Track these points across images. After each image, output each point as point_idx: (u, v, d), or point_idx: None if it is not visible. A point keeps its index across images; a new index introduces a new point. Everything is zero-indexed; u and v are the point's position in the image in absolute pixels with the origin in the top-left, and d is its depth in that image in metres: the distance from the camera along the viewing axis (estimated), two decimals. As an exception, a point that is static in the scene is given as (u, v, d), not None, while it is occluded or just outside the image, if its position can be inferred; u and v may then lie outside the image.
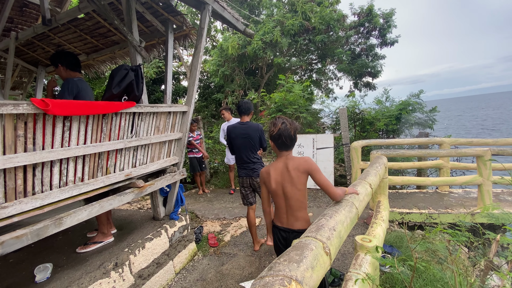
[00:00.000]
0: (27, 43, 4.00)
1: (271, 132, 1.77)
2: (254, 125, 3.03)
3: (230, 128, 3.10)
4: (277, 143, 1.78)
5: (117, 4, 3.12)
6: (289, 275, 0.80)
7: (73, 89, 2.19)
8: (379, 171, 2.53)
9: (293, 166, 1.75)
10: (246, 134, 2.99)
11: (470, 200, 4.11)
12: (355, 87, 12.00)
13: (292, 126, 1.76)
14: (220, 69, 10.57)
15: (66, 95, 2.15)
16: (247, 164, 3.04)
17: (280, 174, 1.78)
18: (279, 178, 1.78)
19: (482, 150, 3.49)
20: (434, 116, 5.97)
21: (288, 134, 1.74)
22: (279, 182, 1.78)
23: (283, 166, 1.78)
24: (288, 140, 1.76)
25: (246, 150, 3.02)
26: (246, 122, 3.06)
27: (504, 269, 1.73)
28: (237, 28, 3.41)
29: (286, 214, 1.82)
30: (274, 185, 1.79)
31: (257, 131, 3.00)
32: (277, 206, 1.86)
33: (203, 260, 3.08)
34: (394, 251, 2.71)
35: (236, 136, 3.02)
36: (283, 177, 1.77)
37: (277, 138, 1.76)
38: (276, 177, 1.78)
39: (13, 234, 1.55)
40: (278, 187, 1.78)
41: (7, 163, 1.49)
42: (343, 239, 1.30)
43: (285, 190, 1.77)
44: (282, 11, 10.70)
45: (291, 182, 1.74)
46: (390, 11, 10.14)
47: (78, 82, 2.25)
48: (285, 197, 1.79)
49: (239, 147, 3.04)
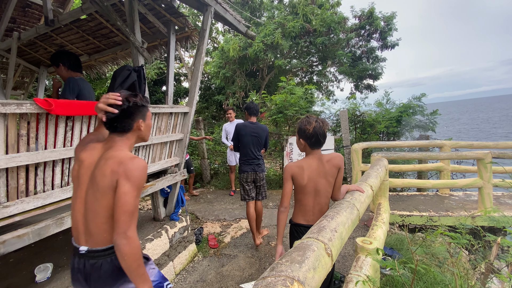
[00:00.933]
0: (29, 43, 4.01)
1: (306, 131, 1.74)
2: (263, 126, 3.32)
3: (241, 126, 3.32)
4: (311, 141, 1.76)
5: (119, 5, 3.14)
6: (291, 275, 0.80)
7: (75, 88, 2.20)
8: (380, 173, 2.53)
9: (327, 159, 1.77)
10: (255, 133, 3.25)
11: (471, 203, 4.10)
12: (356, 89, 12.03)
13: (324, 125, 1.77)
14: (221, 70, 10.60)
15: (68, 95, 2.16)
16: (253, 160, 3.27)
17: (315, 170, 1.76)
18: (313, 174, 1.76)
19: (482, 153, 3.49)
20: (435, 119, 5.97)
21: (322, 132, 1.74)
22: (312, 178, 1.76)
23: (318, 162, 1.77)
24: (323, 138, 1.76)
25: (254, 147, 3.25)
26: (255, 122, 3.32)
27: (505, 272, 1.73)
28: (239, 30, 3.43)
29: (313, 211, 1.80)
30: (306, 180, 1.77)
31: (264, 132, 3.30)
32: (304, 203, 1.82)
33: (203, 261, 3.08)
34: (394, 253, 2.71)
35: (246, 134, 3.24)
36: (318, 172, 1.76)
37: (311, 137, 1.74)
38: (310, 173, 1.76)
39: (14, 234, 1.55)
40: (310, 183, 1.77)
41: (9, 163, 1.50)
42: (344, 240, 1.31)
43: (317, 186, 1.77)
44: (283, 13, 10.75)
45: (325, 177, 1.75)
46: (391, 14, 10.19)
47: (79, 81, 2.26)
48: (315, 194, 1.78)
49: (247, 144, 3.25)
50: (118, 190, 1.10)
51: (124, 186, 1.10)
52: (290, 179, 1.82)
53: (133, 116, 1.23)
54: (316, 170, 1.77)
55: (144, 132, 1.31)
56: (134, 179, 1.12)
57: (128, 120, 1.22)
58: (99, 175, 1.14)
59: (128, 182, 1.11)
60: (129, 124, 1.23)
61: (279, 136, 6.46)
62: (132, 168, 1.12)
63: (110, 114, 1.18)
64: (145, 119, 1.29)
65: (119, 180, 1.11)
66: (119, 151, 1.19)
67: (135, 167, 1.13)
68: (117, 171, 1.11)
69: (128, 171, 1.11)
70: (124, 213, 1.09)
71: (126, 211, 1.09)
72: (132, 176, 1.12)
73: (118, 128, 1.22)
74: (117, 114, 1.19)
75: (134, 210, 1.12)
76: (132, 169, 1.12)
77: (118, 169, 1.12)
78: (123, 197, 1.09)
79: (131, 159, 1.15)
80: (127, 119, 1.22)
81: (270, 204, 4.86)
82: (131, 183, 1.11)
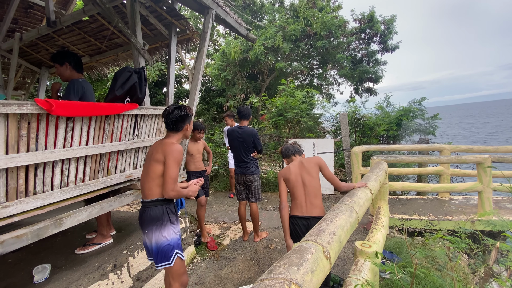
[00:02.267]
0: (31, 44, 4.03)
1: (281, 152, 2.54)
2: (249, 130, 3.37)
3: (230, 131, 3.52)
4: (284, 155, 2.51)
5: (121, 7, 3.16)
6: (289, 278, 0.80)
7: (79, 90, 2.19)
8: (379, 176, 2.53)
9: (306, 161, 2.33)
10: (241, 138, 3.36)
11: (471, 207, 4.10)
12: (356, 93, 12.04)
13: (288, 145, 2.51)
14: (222, 73, 10.63)
15: (72, 96, 2.15)
16: (242, 163, 3.42)
17: (298, 167, 2.30)
18: (298, 170, 2.29)
19: (482, 157, 3.49)
20: (435, 123, 5.98)
21: (284, 150, 2.50)
22: (298, 173, 2.27)
23: (299, 163, 2.33)
24: (287, 151, 2.47)
25: (241, 151, 3.40)
26: (243, 126, 3.41)
27: (504, 276, 1.72)
28: (240, 33, 3.45)
29: (305, 202, 2.21)
30: (294, 176, 2.26)
31: (250, 136, 3.34)
32: (296, 196, 2.24)
33: (201, 264, 3.07)
34: (393, 257, 2.70)
35: (233, 139, 3.43)
36: (300, 169, 2.29)
37: (283, 154, 2.51)
38: (295, 170, 2.29)
39: (13, 234, 1.55)
40: (298, 178, 2.26)
41: (9, 163, 1.50)
42: (343, 243, 1.31)
43: (303, 179, 2.24)
44: (284, 16, 10.80)
45: (308, 172, 2.25)
46: (391, 17, 10.24)
47: (83, 83, 2.25)
48: (304, 185, 2.23)
49: (236, 147, 3.43)
50: (166, 163, 1.72)
51: (169, 161, 1.71)
52: (282, 181, 2.33)
53: (185, 121, 1.88)
54: (299, 168, 2.30)
55: (189, 132, 1.97)
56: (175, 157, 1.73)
57: (181, 124, 1.87)
58: (154, 152, 1.79)
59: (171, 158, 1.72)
60: (181, 126, 1.88)
61: (279, 138, 6.47)
62: (173, 149, 1.74)
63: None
64: (190, 123, 1.95)
65: (166, 157, 1.72)
66: (170, 140, 1.83)
67: (175, 149, 1.75)
68: (166, 150, 1.74)
69: (171, 151, 1.73)
70: (170, 178, 1.71)
71: (171, 176, 1.71)
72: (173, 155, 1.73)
73: (175, 128, 1.86)
74: (176, 119, 1.84)
75: (176, 176, 1.73)
76: (173, 150, 1.74)
77: (166, 149, 1.74)
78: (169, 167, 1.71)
79: (173, 144, 1.78)
80: (181, 123, 1.87)
81: (270, 206, 4.86)
82: (173, 159, 1.72)
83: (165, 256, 1.72)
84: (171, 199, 1.82)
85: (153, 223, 1.74)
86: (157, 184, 1.74)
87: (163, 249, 1.72)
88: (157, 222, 1.73)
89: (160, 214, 1.74)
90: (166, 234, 1.74)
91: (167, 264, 1.73)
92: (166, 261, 1.73)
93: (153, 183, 1.75)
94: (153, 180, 1.75)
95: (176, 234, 1.81)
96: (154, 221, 1.74)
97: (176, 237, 1.80)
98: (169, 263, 1.74)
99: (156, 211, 1.75)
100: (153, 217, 1.74)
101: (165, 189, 1.70)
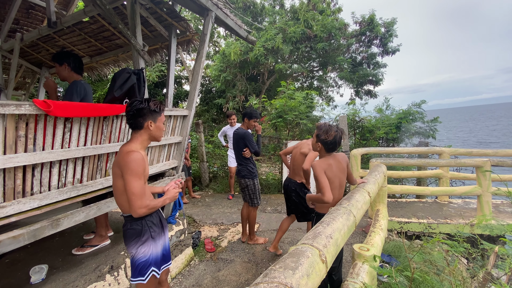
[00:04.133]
0: (31, 44, 4.04)
1: (324, 138, 2.01)
2: (241, 132, 3.35)
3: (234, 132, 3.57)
4: (328, 148, 2.05)
5: (122, 8, 3.17)
6: (284, 282, 0.80)
7: (81, 92, 2.19)
8: (378, 179, 2.53)
9: (339, 159, 2.12)
10: (235, 140, 3.43)
11: (470, 211, 4.09)
12: (356, 95, 12.07)
13: (343, 135, 2.08)
14: (222, 74, 10.65)
15: (75, 97, 2.15)
16: (238, 165, 3.48)
17: (336, 167, 2.06)
18: (336, 171, 2.06)
19: (481, 161, 3.49)
20: (435, 126, 5.98)
21: (340, 141, 2.05)
22: (337, 174, 2.06)
23: (336, 161, 2.08)
24: (338, 145, 2.07)
25: (235, 153, 3.48)
26: (238, 128, 3.46)
27: (503, 281, 1.71)
28: (240, 35, 3.45)
29: (335, 202, 2.02)
30: (333, 176, 2.02)
31: (241, 138, 3.33)
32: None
33: (199, 266, 3.06)
34: (392, 260, 2.69)
35: (232, 140, 3.62)
36: (339, 169, 2.08)
37: (329, 143, 2.02)
38: (335, 169, 2.05)
39: (10, 234, 1.54)
40: (336, 179, 2.05)
41: (7, 163, 1.50)
42: (340, 247, 1.30)
43: (341, 181, 2.09)
44: (285, 18, 10.84)
45: (343, 172, 2.12)
46: (392, 20, 10.27)
47: (85, 85, 2.26)
48: (339, 187, 2.08)
49: (233, 149, 3.52)
50: (123, 177, 1.49)
51: (125, 175, 1.48)
52: (324, 174, 1.97)
53: (145, 117, 1.57)
54: (337, 167, 2.07)
55: (155, 132, 1.63)
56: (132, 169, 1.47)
57: (140, 120, 1.57)
58: (113, 163, 1.58)
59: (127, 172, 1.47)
60: (140, 123, 1.57)
61: (278, 140, 6.47)
62: (128, 161, 1.47)
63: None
64: (156, 121, 1.62)
65: (122, 170, 1.49)
66: (128, 147, 1.55)
67: (131, 160, 1.47)
68: (120, 162, 1.50)
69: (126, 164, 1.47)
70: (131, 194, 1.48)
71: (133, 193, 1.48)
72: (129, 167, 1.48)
73: (132, 125, 1.59)
74: (132, 113, 1.54)
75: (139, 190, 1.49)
76: (128, 162, 1.47)
77: (120, 161, 1.50)
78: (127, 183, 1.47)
79: (128, 154, 1.49)
80: (139, 118, 1.57)
81: (269, 208, 4.85)
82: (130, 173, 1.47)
83: (139, 273, 1.62)
84: None
85: (132, 239, 1.61)
86: (125, 200, 1.54)
87: (139, 265, 1.62)
88: (135, 238, 1.60)
89: (139, 230, 1.60)
90: (145, 250, 1.62)
91: (140, 280, 1.63)
92: (140, 277, 1.63)
93: (122, 199, 1.57)
94: (120, 196, 1.56)
95: (157, 248, 1.67)
96: (134, 236, 1.60)
97: (155, 253, 1.66)
98: (142, 280, 1.63)
99: (135, 226, 1.60)
100: (132, 233, 1.60)
101: (131, 208, 1.49)
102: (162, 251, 1.75)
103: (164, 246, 1.78)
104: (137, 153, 1.50)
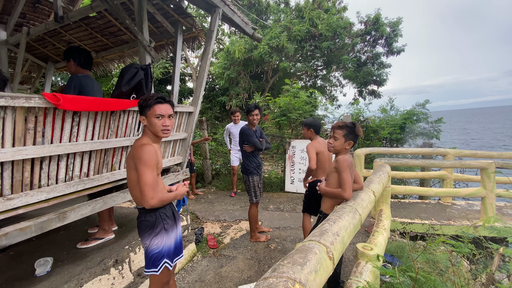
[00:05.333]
0: (38, 38, 4.05)
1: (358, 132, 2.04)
2: (241, 129, 3.45)
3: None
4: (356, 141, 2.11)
5: (129, 4, 3.17)
6: (293, 277, 0.80)
7: (76, 86, 2.21)
8: (382, 179, 2.52)
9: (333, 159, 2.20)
10: (239, 136, 3.50)
11: (473, 213, 4.07)
12: (359, 95, 12.01)
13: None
14: (226, 72, 10.65)
15: (70, 91, 2.18)
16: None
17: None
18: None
19: (486, 163, 3.47)
20: (439, 126, 5.95)
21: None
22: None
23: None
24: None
25: (240, 148, 3.52)
26: (244, 124, 3.59)
27: (506, 283, 1.71)
28: (246, 32, 3.45)
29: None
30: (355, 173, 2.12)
31: (239, 135, 3.45)
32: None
33: (202, 262, 3.08)
34: (395, 260, 2.69)
35: (235, 138, 3.68)
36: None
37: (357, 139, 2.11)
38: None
39: (17, 226, 1.56)
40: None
41: (15, 155, 1.51)
42: (346, 244, 1.30)
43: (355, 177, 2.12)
44: (290, 17, 10.79)
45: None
46: (397, 20, 10.19)
47: (82, 79, 2.26)
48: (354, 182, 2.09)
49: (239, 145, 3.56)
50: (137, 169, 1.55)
51: (138, 166, 1.53)
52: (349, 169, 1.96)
53: (140, 113, 1.65)
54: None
55: (149, 127, 1.64)
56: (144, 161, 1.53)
57: (140, 115, 1.66)
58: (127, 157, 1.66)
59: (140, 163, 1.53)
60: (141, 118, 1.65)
61: (281, 139, 6.46)
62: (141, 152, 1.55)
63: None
64: (147, 116, 1.62)
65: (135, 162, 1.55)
66: (140, 141, 1.63)
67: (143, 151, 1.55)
68: (133, 154, 1.58)
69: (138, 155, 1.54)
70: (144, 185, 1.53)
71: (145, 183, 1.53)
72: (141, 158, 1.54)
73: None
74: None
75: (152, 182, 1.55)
76: (141, 153, 1.55)
77: (134, 153, 1.57)
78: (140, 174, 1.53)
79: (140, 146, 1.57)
80: (140, 114, 1.66)
81: (271, 206, 4.85)
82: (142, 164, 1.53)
83: (153, 264, 1.66)
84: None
85: (145, 231, 1.66)
86: (139, 192, 1.59)
87: (152, 256, 1.66)
88: (149, 230, 1.65)
89: (153, 222, 1.65)
90: (158, 241, 1.67)
91: (153, 271, 1.67)
92: (153, 269, 1.67)
93: (136, 191, 1.63)
94: (134, 188, 1.63)
95: (170, 240, 1.72)
96: (147, 228, 1.66)
97: (168, 245, 1.71)
98: (155, 271, 1.67)
99: (149, 218, 1.65)
100: (146, 225, 1.66)
101: (143, 198, 1.53)
102: (175, 243, 1.79)
103: (176, 238, 1.81)
104: (150, 146, 1.57)
